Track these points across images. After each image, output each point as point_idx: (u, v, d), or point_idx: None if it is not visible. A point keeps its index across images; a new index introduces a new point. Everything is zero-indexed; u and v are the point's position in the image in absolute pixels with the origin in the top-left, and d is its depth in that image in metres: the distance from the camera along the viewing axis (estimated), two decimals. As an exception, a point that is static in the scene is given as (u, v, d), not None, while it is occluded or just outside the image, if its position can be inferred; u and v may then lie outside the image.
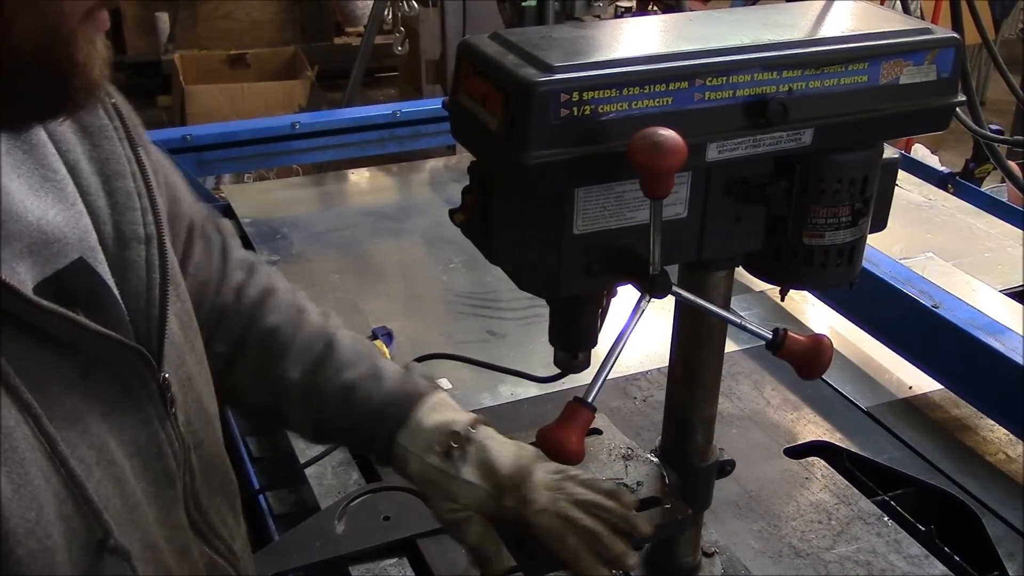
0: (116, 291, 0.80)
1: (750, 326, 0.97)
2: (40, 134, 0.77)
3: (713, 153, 0.89)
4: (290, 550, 1.27)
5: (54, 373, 0.72)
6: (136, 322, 0.81)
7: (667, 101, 0.85)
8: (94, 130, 0.82)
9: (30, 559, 0.67)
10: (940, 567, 1.28)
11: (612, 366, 0.91)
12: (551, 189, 0.87)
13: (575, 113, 0.82)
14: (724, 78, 0.87)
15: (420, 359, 1.52)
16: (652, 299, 0.90)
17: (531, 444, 1.07)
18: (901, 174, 2.40)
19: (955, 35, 0.97)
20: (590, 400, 0.91)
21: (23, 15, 0.61)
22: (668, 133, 0.79)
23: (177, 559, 0.85)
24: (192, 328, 0.93)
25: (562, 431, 0.89)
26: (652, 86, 0.84)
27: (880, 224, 1.04)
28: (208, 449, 0.92)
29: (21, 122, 0.71)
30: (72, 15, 0.64)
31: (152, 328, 0.82)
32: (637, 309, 0.91)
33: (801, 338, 0.98)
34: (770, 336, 0.98)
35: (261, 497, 1.41)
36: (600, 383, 0.91)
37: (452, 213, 0.94)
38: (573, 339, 1.01)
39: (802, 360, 0.98)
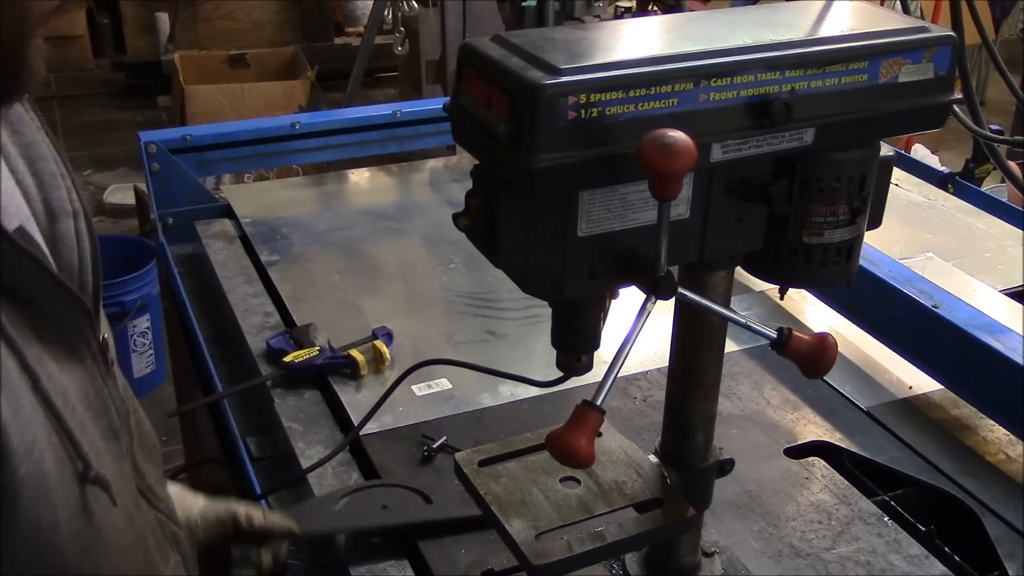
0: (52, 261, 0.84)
1: (755, 326, 0.97)
2: None
3: (718, 154, 0.89)
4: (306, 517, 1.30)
5: (17, 322, 0.74)
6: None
7: (673, 102, 0.86)
8: (13, 118, 0.86)
9: (29, 480, 0.70)
10: (940, 567, 1.29)
11: (620, 368, 0.91)
12: (558, 192, 0.87)
13: (582, 115, 0.82)
14: (728, 79, 0.87)
15: (420, 365, 1.52)
16: (657, 301, 0.90)
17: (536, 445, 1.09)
18: (901, 174, 2.42)
19: (951, 33, 0.98)
20: (599, 403, 0.91)
21: None
22: (678, 135, 0.80)
23: (134, 509, 0.88)
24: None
25: (572, 435, 0.89)
26: (658, 87, 0.85)
27: (876, 222, 1.04)
28: (140, 419, 0.97)
29: None
30: (36, 16, 0.70)
31: (87, 294, 0.85)
32: (643, 311, 0.91)
33: (806, 337, 0.98)
34: (775, 335, 0.98)
35: (263, 502, 1.41)
36: (608, 385, 0.91)
37: (456, 217, 0.94)
38: (576, 342, 1.01)
39: (807, 359, 0.98)
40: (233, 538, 1.26)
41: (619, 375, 0.91)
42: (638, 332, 0.91)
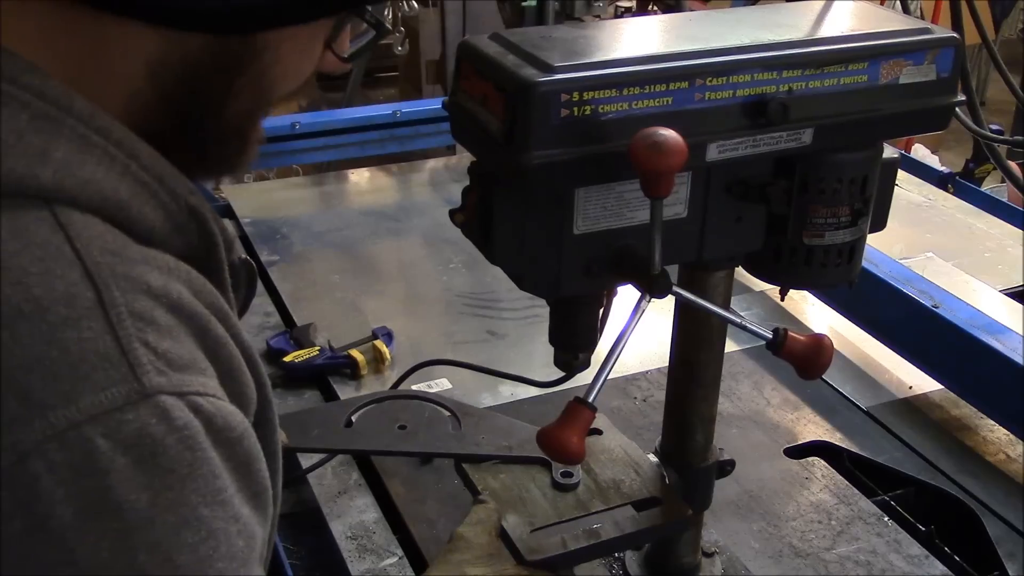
0: None
1: (750, 326, 0.97)
2: None
3: (713, 153, 0.89)
4: (308, 430, 1.17)
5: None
6: None
7: (667, 101, 0.85)
8: None
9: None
10: (940, 567, 1.28)
11: (612, 366, 0.91)
12: (552, 189, 0.87)
13: (575, 113, 0.82)
14: (724, 78, 0.87)
15: (420, 365, 1.52)
16: (652, 299, 0.90)
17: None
18: (901, 174, 2.40)
19: (954, 35, 0.97)
20: (591, 400, 0.91)
21: (246, 93, 0.69)
22: (668, 133, 0.79)
23: None
24: None
25: (563, 431, 0.89)
26: (652, 86, 0.84)
27: (879, 224, 1.04)
28: None
29: (203, 177, 0.76)
30: (271, 101, 0.72)
31: None
32: (637, 309, 0.91)
33: (801, 338, 0.98)
34: (770, 336, 0.98)
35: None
36: (600, 383, 0.91)
37: (452, 214, 0.94)
38: (573, 340, 1.01)
39: (802, 360, 0.98)
40: None
41: (620, 375, 0.91)
42: (631, 330, 0.91)
